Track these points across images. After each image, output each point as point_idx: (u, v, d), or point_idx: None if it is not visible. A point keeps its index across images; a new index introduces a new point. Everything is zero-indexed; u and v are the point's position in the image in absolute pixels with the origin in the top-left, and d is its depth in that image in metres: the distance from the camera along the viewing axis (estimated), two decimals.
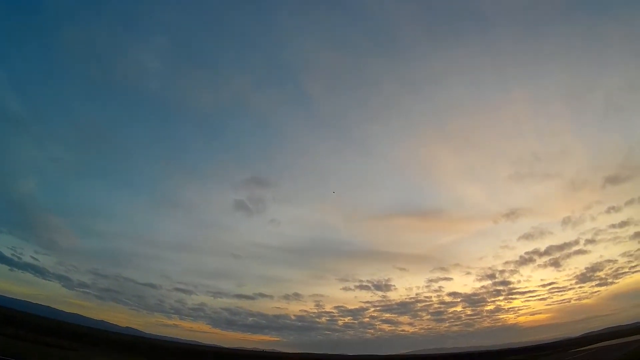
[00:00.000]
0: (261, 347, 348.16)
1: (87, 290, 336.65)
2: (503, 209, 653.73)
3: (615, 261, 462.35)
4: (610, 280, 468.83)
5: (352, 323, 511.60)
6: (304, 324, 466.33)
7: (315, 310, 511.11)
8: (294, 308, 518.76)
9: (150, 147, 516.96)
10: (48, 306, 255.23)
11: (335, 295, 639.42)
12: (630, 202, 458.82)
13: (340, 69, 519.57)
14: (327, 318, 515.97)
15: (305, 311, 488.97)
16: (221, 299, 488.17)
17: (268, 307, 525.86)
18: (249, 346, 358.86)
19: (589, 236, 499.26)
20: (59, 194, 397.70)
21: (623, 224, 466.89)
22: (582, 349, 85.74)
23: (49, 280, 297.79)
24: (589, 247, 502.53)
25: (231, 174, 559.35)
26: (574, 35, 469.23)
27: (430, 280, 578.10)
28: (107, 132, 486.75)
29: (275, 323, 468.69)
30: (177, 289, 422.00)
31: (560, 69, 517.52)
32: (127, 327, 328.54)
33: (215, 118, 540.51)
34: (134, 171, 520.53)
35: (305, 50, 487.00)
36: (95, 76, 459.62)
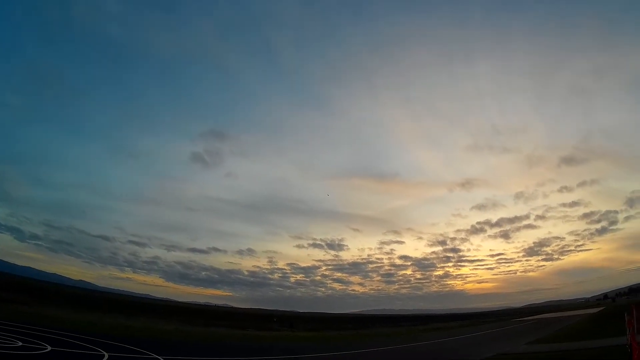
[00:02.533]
0: (213, 302, 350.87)
1: (39, 243, 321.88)
2: (458, 178, 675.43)
3: (562, 238, 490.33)
4: (556, 257, 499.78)
5: (304, 280, 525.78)
6: (257, 279, 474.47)
7: (268, 267, 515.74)
8: (247, 263, 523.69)
9: (106, 93, 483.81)
10: None
11: (288, 252, 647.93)
12: (582, 184, 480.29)
13: (307, 24, 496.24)
14: (280, 275, 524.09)
15: (258, 267, 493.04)
16: (175, 252, 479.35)
17: (221, 261, 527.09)
18: (201, 300, 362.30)
19: (539, 212, 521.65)
20: (9, 142, 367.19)
21: (573, 204, 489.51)
22: (523, 319, 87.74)
23: None
24: (539, 222, 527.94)
25: (189, 125, 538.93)
26: (544, 15, 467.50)
27: (383, 243, 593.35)
28: (61, 75, 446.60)
29: (228, 278, 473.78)
30: (131, 242, 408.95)
31: (528, 47, 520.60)
32: (79, 280, 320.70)
33: (175, 65, 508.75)
34: (88, 118, 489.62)
35: (272, 0, 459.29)
36: (49, 15, 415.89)
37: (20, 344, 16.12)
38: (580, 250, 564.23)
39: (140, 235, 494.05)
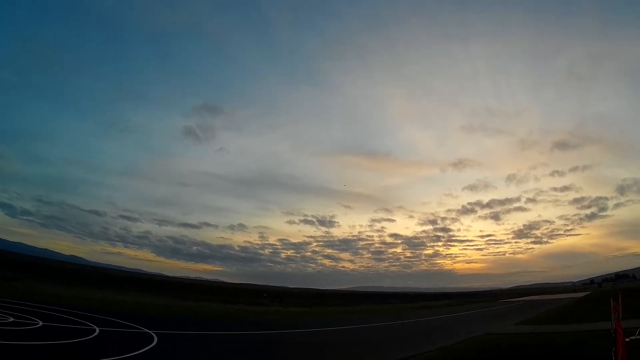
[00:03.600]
0: (205, 277, 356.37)
1: (31, 218, 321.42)
2: (451, 158, 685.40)
3: (552, 222, 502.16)
4: (545, 240, 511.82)
5: (295, 256, 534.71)
6: (248, 254, 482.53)
7: (259, 242, 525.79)
8: (238, 239, 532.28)
9: (99, 68, 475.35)
10: None
11: (279, 228, 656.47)
12: (574, 169, 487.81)
13: (305, 1, 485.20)
14: (271, 250, 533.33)
15: (249, 242, 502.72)
16: (166, 227, 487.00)
17: (212, 236, 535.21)
18: (192, 275, 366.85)
19: (530, 195, 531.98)
20: (1, 117, 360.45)
21: (565, 189, 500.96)
22: (511, 300, 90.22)
23: None
24: (530, 205, 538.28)
25: (182, 99, 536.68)
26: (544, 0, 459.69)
27: (374, 220, 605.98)
28: (55, 51, 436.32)
29: (219, 253, 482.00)
30: (122, 217, 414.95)
31: (526, 31, 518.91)
32: (71, 255, 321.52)
33: (170, 40, 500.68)
34: (81, 93, 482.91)
35: None
36: None
37: (12, 319, 16.21)
38: (569, 235, 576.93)
39: (131, 210, 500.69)
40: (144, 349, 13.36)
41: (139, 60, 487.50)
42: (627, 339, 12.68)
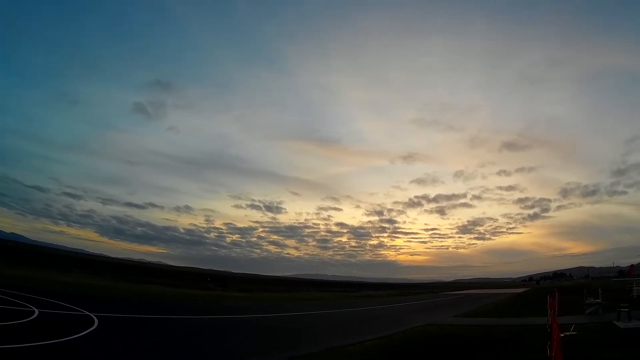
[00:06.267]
0: (148, 259, 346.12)
1: None
2: (401, 151, 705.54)
3: (496, 220, 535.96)
4: (487, 236, 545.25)
5: (240, 241, 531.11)
6: (193, 237, 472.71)
7: (205, 225, 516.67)
8: (184, 221, 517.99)
9: (46, 34, 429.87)
10: None
11: (226, 211, 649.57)
12: (520, 170, 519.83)
13: None
14: (216, 234, 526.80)
15: (195, 225, 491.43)
16: (111, 206, 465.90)
17: (158, 217, 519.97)
18: (136, 257, 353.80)
19: (477, 192, 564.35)
20: None
21: (510, 188, 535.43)
22: (452, 292, 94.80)
23: None
24: (475, 202, 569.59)
25: (134, 73, 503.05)
26: (507, 1, 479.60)
27: (321, 208, 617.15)
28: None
29: (164, 235, 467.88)
30: (66, 194, 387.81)
31: (485, 30, 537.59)
32: (11, 232, 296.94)
33: (122, 9, 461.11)
34: (26, 60, 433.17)
35: None
36: None
37: None
38: (512, 233, 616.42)
39: (75, 187, 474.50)
40: (84, 332, 13.35)
41: (91, 29, 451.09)
42: (562, 335, 13.45)
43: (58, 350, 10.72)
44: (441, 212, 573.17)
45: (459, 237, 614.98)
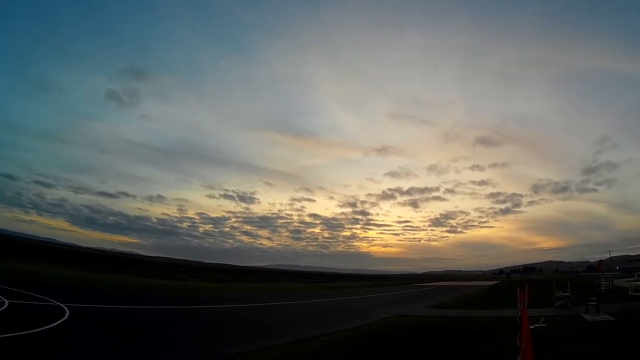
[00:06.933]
0: (120, 249, 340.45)
1: None
2: (375, 144, 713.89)
3: (468, 213, 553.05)
4: (459, 230, 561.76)
5: (213, 231, 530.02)
6: (165, 227, 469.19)
7: (178, 215, 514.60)
8: (156, 210, 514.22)
9: (19, 18, 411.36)
10: None
11: (199, 201, 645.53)
12: (493, 165, 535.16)
13: None
14: (189, 224, 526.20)
15: (168, 215, 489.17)
16: (82, 195, 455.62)
17: (130, 207, 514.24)
18: (107, 246, 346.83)
19: (449, 186, 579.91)
20: None
21: (482, 183, 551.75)
22: (423, 284, 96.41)
23: None
24: (448, 196, 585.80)
25: (107, 60, 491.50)
26: None
27: (294, 199, 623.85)
28: None
29: (136, 224, 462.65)
30: (37, 182, 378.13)
31: (463, 26, 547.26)
32: None
33: None
34: None
35: None
36: None
37: None
38: (483, 227, 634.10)
39: (46, 176, 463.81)
40: (55, 323, 13.33)
41: (62, 12, 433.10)
42: (532, 327, 13.63)
43: (29, 342, 10.63)
44: (414, 205, 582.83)
45: (432, 230, 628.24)
